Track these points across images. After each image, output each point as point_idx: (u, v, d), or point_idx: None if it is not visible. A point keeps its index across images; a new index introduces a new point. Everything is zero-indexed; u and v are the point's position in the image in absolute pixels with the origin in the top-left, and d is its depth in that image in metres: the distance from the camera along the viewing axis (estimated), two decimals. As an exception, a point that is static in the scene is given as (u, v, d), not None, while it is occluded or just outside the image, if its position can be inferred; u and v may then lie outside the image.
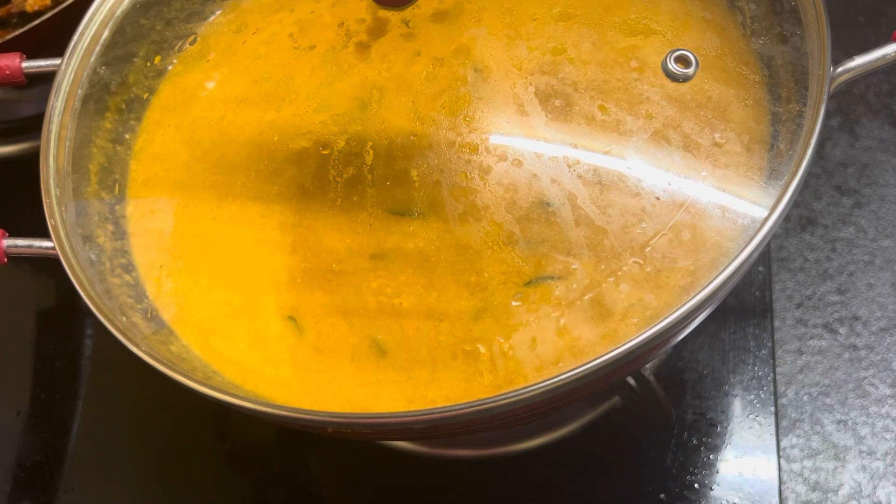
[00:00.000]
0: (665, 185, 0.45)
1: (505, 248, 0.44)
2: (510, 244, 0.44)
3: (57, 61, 0.54)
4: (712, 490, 0.58)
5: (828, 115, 0.50)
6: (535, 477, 0.60)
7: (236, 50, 0.54)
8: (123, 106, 0.55)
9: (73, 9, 0.68)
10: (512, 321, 0.44)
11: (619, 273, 0.43)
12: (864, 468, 0.59)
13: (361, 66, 0.50)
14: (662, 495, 0.58)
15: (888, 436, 0.60)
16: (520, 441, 0.61)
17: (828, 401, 0.62)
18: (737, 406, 0.60)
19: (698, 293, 0.40)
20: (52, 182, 0.51)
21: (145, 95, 0.56)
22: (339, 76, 0.50)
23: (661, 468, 0.59)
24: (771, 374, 0.61)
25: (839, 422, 0.61)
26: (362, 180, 0.47)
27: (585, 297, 0.43)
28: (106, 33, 0.55)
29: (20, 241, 0.50)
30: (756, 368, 0.61)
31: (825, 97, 0.44)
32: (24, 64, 0.55)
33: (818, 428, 0.61)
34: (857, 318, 0.64)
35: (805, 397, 0.62)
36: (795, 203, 0.64)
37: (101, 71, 0.55)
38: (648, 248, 0.44)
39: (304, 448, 0.63)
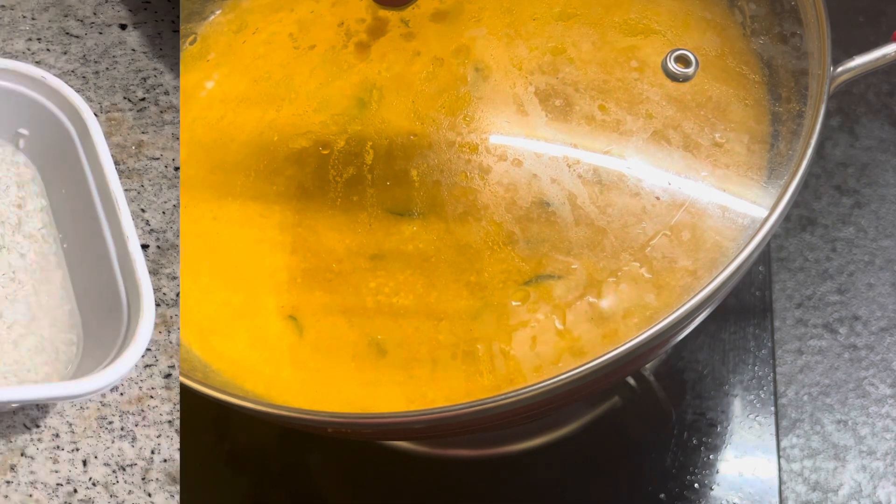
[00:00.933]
0: (665, 185, 0.45)
1: (505, 247, 0.44)
2: (510, 244, 0.44)
3: (57, 61, 0.54)
4: (712, 490, 0.58)
5: (828, 115, 0.50)
6: (535, 477, 0.60)
7: (236, 50, 0.54)
8: (123, 106, 0.55)
9: (73, 9, 0.68)
10: (512, 321, 0.43)
11: (620, 273, 0.43)
12: (864, 468, 0.59)
13: (361, 65, 0.50)
14: (662, 495, 0.58)
15: (888, 436, 0.60)
16: (520, 441, 0.61)
17: (828, 401, 0.62)
18: (737, 406, 0.60)
19: (698, 293, 0.40)
20: (51, 182, 0.51)
21: (145, 95, 0.56)
22: (339, 76, 0.50)
23: (661, 468, 0.59)
24: (771, 374, 0.61)
25: (839, 422, 0.61)
26: (362, 180, 0.47)
27: (585, 297, 0.43)
28: (106, 33, 0.55)
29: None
30: (756, 368, 0.61)
31: (825, 97, 0.44)
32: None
33: (818, 428, 0.61)
34: (857, 318, 0.64)
35: (805, 397, 0.62)
36: (795, 203, 0.63)
37: (101, 71, 0.55)
38: (648, 248, 0.44)
39: (304, 448, 0.63)
